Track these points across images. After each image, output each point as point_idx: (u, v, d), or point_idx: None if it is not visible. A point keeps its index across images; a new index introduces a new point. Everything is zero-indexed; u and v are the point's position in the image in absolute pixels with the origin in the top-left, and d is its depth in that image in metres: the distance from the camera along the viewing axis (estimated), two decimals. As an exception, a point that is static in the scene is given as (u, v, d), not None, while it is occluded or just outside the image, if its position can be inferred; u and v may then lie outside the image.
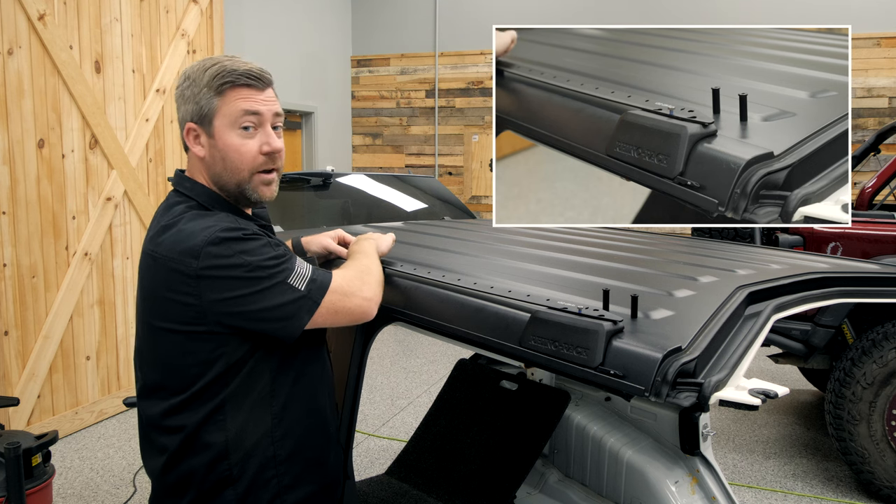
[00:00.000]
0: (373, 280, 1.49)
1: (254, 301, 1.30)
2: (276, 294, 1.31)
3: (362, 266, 1.51)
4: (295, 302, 1.33)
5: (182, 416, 1.38)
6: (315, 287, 1.36)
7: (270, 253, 1.33)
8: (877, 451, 3.19)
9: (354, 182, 3.49)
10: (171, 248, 1.32)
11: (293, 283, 1.33)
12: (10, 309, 3.67)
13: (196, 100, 1.39)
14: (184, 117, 1.43)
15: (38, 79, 3.77)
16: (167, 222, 1.37)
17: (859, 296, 1.98)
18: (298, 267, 1.37)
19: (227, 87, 1.39)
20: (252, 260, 1.30)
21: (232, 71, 1.39)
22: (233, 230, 1.32)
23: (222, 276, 1.29)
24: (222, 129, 1.40)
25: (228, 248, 1.29)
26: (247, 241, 1.32)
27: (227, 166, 1.41)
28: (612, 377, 1.25)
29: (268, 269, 1.31)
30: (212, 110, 1.39)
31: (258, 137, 1.41)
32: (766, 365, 5.19)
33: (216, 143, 1.40)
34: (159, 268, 1.34)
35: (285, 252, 1.37)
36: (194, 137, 1.43)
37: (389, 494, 2.21)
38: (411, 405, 4.59)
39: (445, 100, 8.20)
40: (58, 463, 3.58)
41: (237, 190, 1.43)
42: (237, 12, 6.24)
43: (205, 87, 1.39)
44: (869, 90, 6.81)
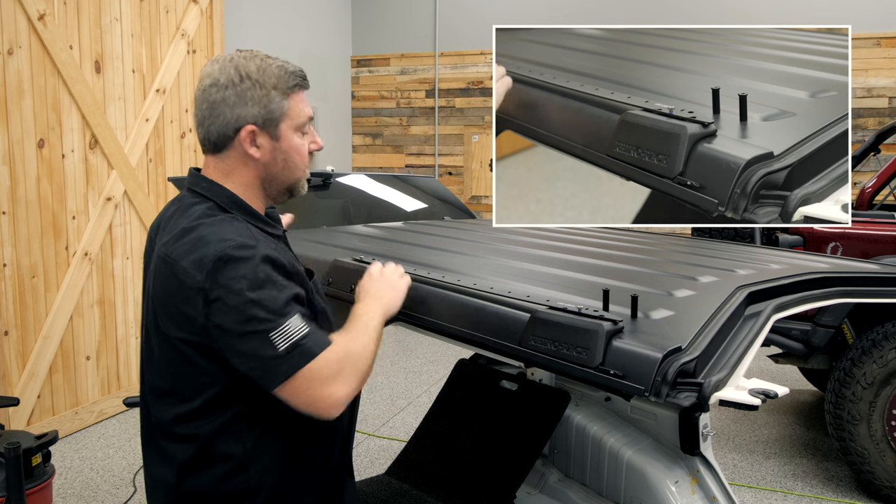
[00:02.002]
0: (357, 372, 1.31)
1: (234, 338, 1.24)
2: (252, 342, 1.23)
3: (357, 344, 1.35)
4: (268, 360, 1.23)
5: (195, 424, 1.34)
6: (297, 352, 1.24)
7: (267, 294, 1.24)
8: (877, 451, 3.19)
9: (354, 182, 3.49)
10: (183, 256, 1.28)
11: (273, 338, 1.23)
12: (10, 309, 3.67)
13: (263, 103, 1.37)
14: (241, 118, 1.37)
15: (38, 79, 3.77)
16: (187, 225, 1.33)
17: (859, 296, 1.98)
18: (291, 324, 1.24)
19: (296, 90, 1.41)
20: (248, 294, 1.23)
21: (293, 73, 1.41)
22: (246, 248, 1.27)
23: (219, 299, 1.24)
24: (288, 132, 1.40)
25: (234, 270, 1.24)
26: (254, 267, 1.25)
27: (288, 167, 1.42)
28: (612, 377, 1.25)
29: (255, 312, 1.23)
30: (282, 113, 1.38)
31: (307, 137, 1.45)
32: (766, 365, 5.19)
33: (280, 146, 1.40)
34: (170, 274, 1.30)
35: (286, 299, 1.27)
36: (251, 139, 1.38)
37: (389, 494, 2.21)
38: (411, 405, 4.59)
39: (445, 100, 8.20)
40: (58, 463, 3.58)
41: (290, 187, 1.46)
42: (237, 12, 6.24)
43: (273, 90, 1.38)
44: (869, 90, 6.81)
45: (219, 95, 1.36)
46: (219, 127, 1.38)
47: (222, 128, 1.38)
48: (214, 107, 1.37)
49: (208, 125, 1.39)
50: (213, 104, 1.38)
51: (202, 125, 1.40)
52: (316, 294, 1.49)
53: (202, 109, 1.39)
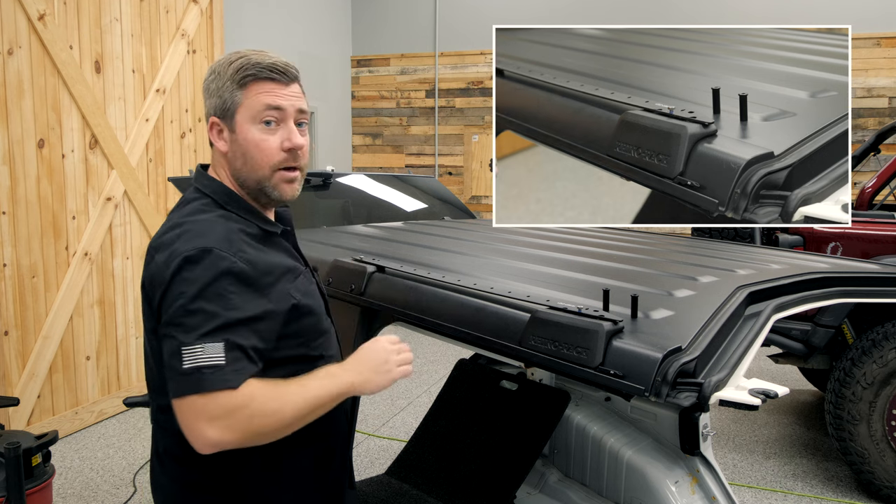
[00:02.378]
0: (248, 428, 1.19)
1: (164, 336, 1.21)
2: (167, 344, 1.20)
3: (272, 405, 1.21)
4: (170, 369, 1.19)
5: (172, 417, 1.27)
6: (193, 378, 1.16)
7: (208, 310, 1.19)
8: (877, 451, 3.19)
9: (354, 182, 3.49)
10: (160, 249, 1.28)
11: (184, 352, 1.17)
12: (10, 309, 3.67)
13: (220, 93, 1.36)
14: (208, 111, 1.39)
15: (38, 79, 3.77)
16: (176, 221, 1.33)
17: (859, 296, 1.98)
18: (205, 348, 1.18)
19: (250, 81, 1.34)
20: (188, 306, 1.19)
21: (256, 64, 1.35)
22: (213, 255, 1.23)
23: (169, 294, 1.22)
24: (243, 124, 1.35)
25: (190, 272, 1.21)
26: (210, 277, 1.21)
27: (247, 162, 1.36)
28: (612, 377, 1.25)
29: (188, 321, 1.18)
30: (234, 104, 1.35)
31: (280, 133, 1.35)
32: (766, 365, 5.18)
33: (237, 138, 1.36)
34: (148, 266, 1.30)
35: (221, 323, 1.19)
36: (217, 132, 1.38)
37: (389, 494, 2.21)
38: (411, 405, 4.58)
39: (445, 100, 8.20)
40: (58, 463, 3.58)
41: (257, 187, 1.37)
42: (237, 12, 6.24)
43: (228, 81, 1.35)
44: (869, 90, 6.81)
45: (203, 89, 1.41)
46: (206, 120, 1.42)
47: (206, 122, 1.42)
48: (204, 102, 1.42)
49: None
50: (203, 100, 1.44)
51: None
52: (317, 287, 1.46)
53: None
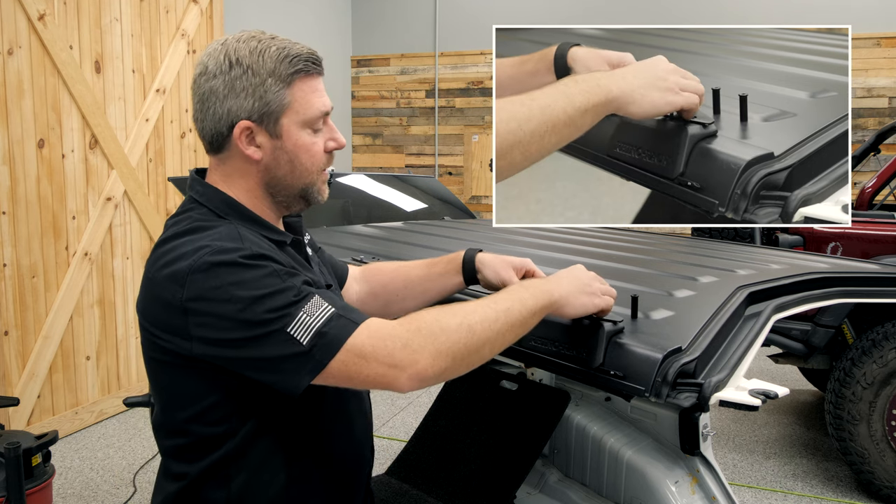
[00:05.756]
0: (437, 344, 1.06)
1: (245, 348, 1.04)
2: (269, 345, 1.03)
3: (455, 321, 1.09)
4: (292, 358, 1.03)
5: (183, 463, 1.18)
6: (323, 343, 1.03)
7: (269, 288, 1.05)
8: (877, 451, 3.19)
9: (354, 182, 3.49)
10: (160, 269, 1.10)
11: (294, 333, 1.02)
12: (10, 309, 3.67)
13: (259, 93, 1.14)
14: (234, 113, 1.15)
15: (38, 79, 3.77)
16: (167, 235, 1.16)
17: (859, 296, 1.98)
18: (307, 311, 1.04)
19: (299, 77, 1.16)
20: (244, 296, 1.03)
21: (298, 56, 1.16)
22: (227, 251, 1.07)
23: (210, 313, 1.04)
24: (292, 128, 1.17)
25: (217, 279, 1.04)
26: (242, 269, 1.05)
27: (295, 169, 1.19)
28: (612, 377, 1.25)
29: (261, 312, 1.03)
30: (281, 106, 1.15)
31: (323, 133, 1.21)
32: (766, 365, 5.18)
33: (283, 144, 1.17)
34: (149, 289, 1.13)
35: (291, 287, 1.06)
36: (248, 138, 1.17)
37: (389, 494, 2.21)
38: (411, 405, 4.59)
39: (445, 100, 8.20)
40: (58, 463, 3.58)
41: (301, 193, 1.22)
42: (237, 12, 6.24)
43: (270, 77, 1.14)
44: (869, 90, 6.80)
45: (207, 86, 1.17)
46: (211, 123, 1.18)
47: (215, 124, 1.18)
48: (204, 100, 1.18)
49: (201, 121, 1.20)
50: (202, 97, 1.18)
51: (196, 122, 1.21)
52: None
53: (194, 104, 1.20)
